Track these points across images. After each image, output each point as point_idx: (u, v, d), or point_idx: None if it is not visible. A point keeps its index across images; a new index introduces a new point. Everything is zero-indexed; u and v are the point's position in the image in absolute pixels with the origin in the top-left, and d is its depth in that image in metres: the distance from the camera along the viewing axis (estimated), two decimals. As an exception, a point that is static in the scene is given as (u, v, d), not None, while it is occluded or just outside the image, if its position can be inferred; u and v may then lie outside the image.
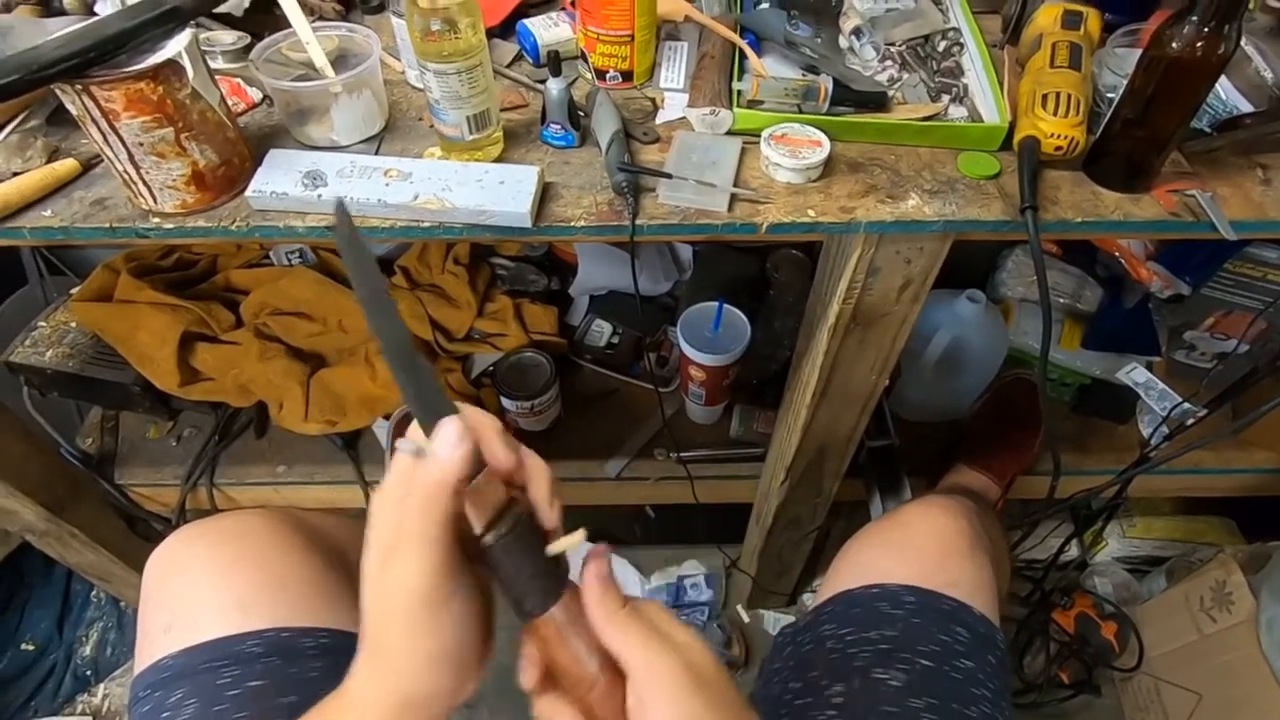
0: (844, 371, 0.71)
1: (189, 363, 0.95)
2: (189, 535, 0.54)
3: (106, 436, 1.04)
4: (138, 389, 0.97)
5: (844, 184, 0.57)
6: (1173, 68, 0.51)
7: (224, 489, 1.00)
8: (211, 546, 0.53)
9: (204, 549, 0.53)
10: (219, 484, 1.00)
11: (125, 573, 1.02)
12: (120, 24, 0.46)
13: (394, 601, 0.31)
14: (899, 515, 0.63)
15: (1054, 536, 1.10)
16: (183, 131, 0.49)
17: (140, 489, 1.00)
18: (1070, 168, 0.59)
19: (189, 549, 0.53)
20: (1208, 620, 0.98)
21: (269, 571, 0.52)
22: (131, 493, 1.00)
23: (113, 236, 0.53)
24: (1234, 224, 0.55)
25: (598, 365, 1.09)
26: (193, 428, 1.04)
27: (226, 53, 0.65)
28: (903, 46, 0.68)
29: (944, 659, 0.50)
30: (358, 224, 0.54)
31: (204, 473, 1.00)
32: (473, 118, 0.55)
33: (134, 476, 1.00)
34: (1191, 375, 1.04)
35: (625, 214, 0.54)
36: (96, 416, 1.06)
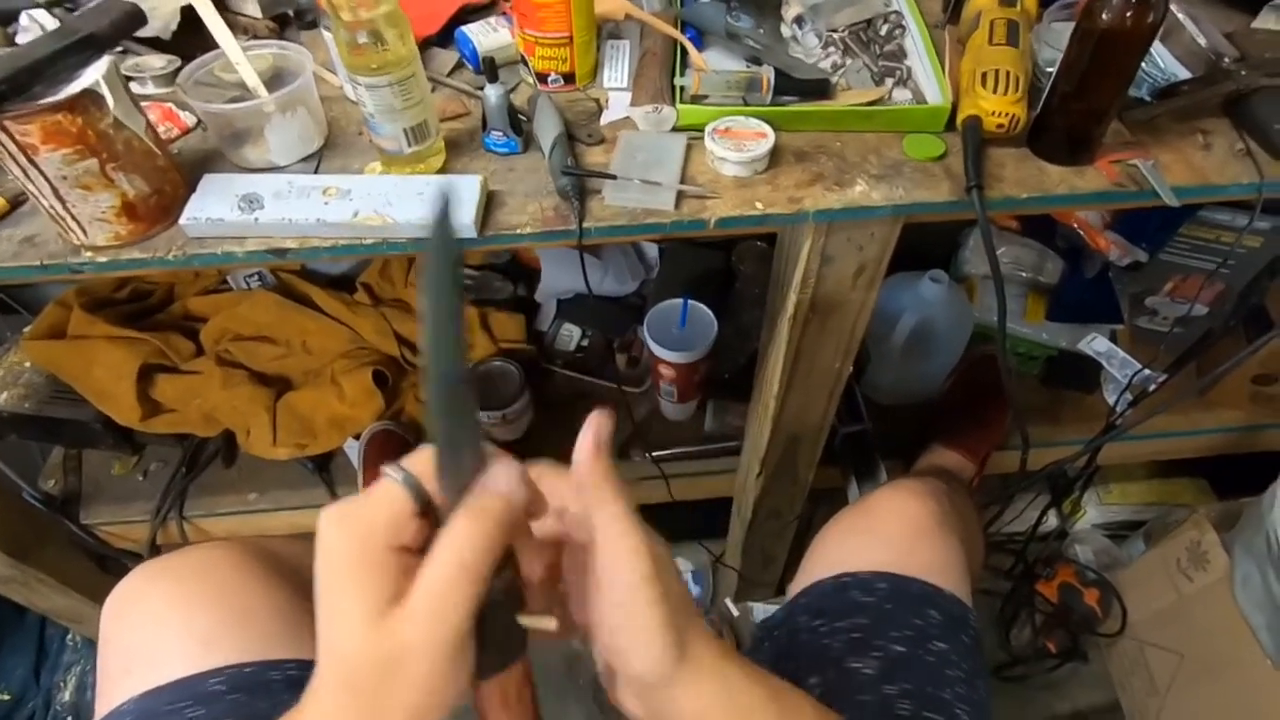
0: (808, 360, 0.71)
1: (150, 395, 0.93)
2: (147, 573, 0.53)
3: (70, 476, 1.01)
4: (99, 426, 0.95)
5: (791, 174, 0.57)
6: (1105, 39, 0.51)
7: (195, 521, 0.99)
8: (170, 583, 0.52)
9: (162, 586, 0.52)
10: (189, 516, 0.98)
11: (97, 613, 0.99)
12: (32, 54, 0.45)
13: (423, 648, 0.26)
14: (867, 502, 0.63)
15: (1032, 508, 1.11)
16: (108, 162, 0.48)
17: (108, 527, 0.98)
18: (1014, 144, 0.59)
19: (147, 587, 0.52)
20: (1185, 580, 0.99)
21: (231, 605, 0.51)
22: (100, 532, 0.98)
23: (45, 274, 0.52)
24: (1177, 190, 0.56)
25: (569, 369, 1.08)
26: (159, 461, 1.02)
27: (156, 77, 0.63)
28: (845, 32, 0.68)
29: (917, 643, 0.50)
30: (299, 245, 0.53)
31: (173, 506, 0.98)
32: (410, 130, 0.54)
33: (101, 515, 0.98)
34: (1155, 340, 1.06)
35: (571, 218, 0.54)
36: (59, 456, 1.03)
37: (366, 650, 0.26)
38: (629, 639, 0.31)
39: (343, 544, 0.27)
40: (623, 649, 0.31)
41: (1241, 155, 0.58)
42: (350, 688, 0.27)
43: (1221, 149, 0.59)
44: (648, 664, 0.31)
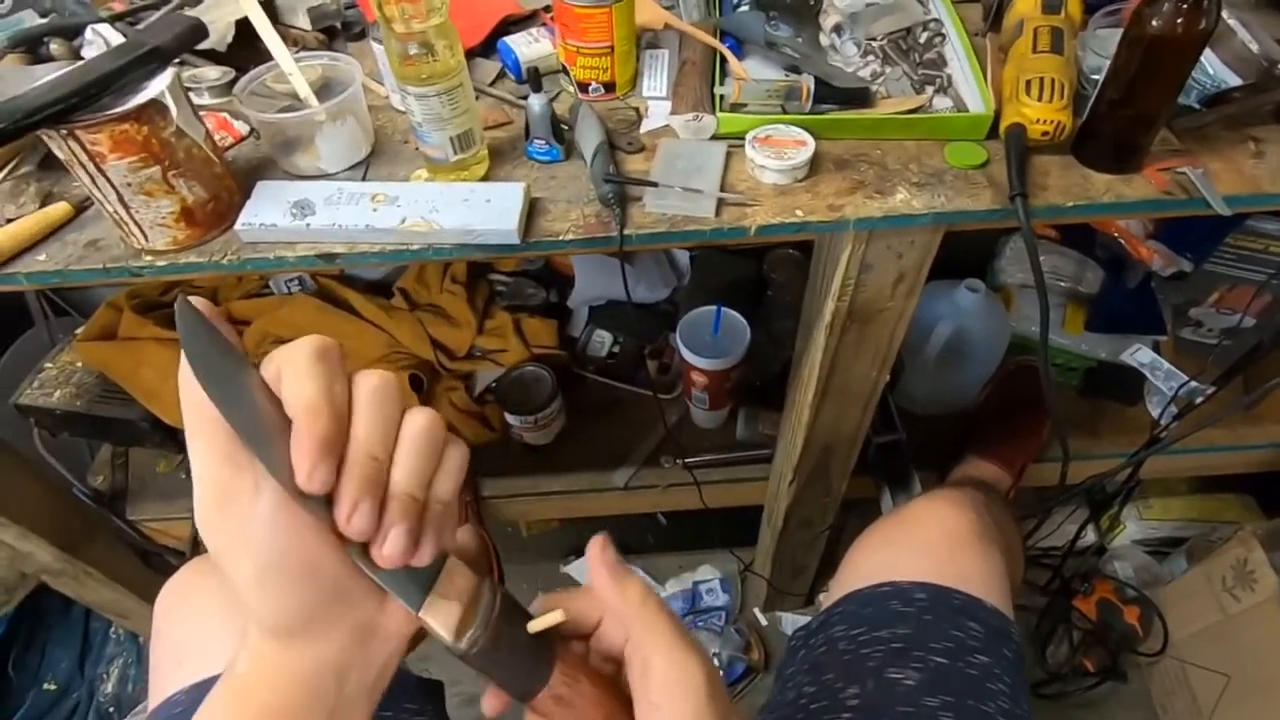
0: (843, 369, 0.70)
1: (194, 396, 0.96)
2: (198, 568, 0.54)
3: (117, 473, 1.05)
4: (146, 425, 0.98)
5: (831, 182, 0.57)
6: (1154, 46, 0.51)
7: (235, 519, 1.01)
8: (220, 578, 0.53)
9: (213, 581, 0.53)
10: (230, 514, 1.00)
11: (142, 608, 1.02)
12: (102, 67, 0.47)
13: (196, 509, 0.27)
14: (906, 511, 0.62)
15: (1070, 522, 1.09)
16: (169, 169, 0.50)
17: (153, 523, 1.01)
18: (1058, 152, 0.59)
19: (198, 581, 0.53)
20: (1231, 600, 0.96)
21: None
22: (144, 528, 1.01)
23: (107, 277, 0.54)
24: (1228, 199, 0.55)
25: (600, 375, 1.09)
26: (202, 460, 1.05)
27: (212, 88, 0.65)
28: (884, 41, 0.68)
29: (958, 655, 0.50)
30: (348, 250, 0.54)
31: (215, 504, 1.00)
32: (456, 138, 0.55)
33: (146, 511, 1.01)
34: (1199, 352, 1.03)
35: (613, 225, 0.54)
36: (107, 454, 1.07)
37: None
38: None
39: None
40: None
41: (1295, 163, 0.57)
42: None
43: (1274, 157, 0.58)
44: None
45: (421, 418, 0.29)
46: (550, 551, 1.32)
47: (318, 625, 0.28)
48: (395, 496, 0.27)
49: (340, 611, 0.29)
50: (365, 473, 0.27)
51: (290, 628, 0.28)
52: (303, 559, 0.27)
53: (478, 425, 1.02)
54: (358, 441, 0.27)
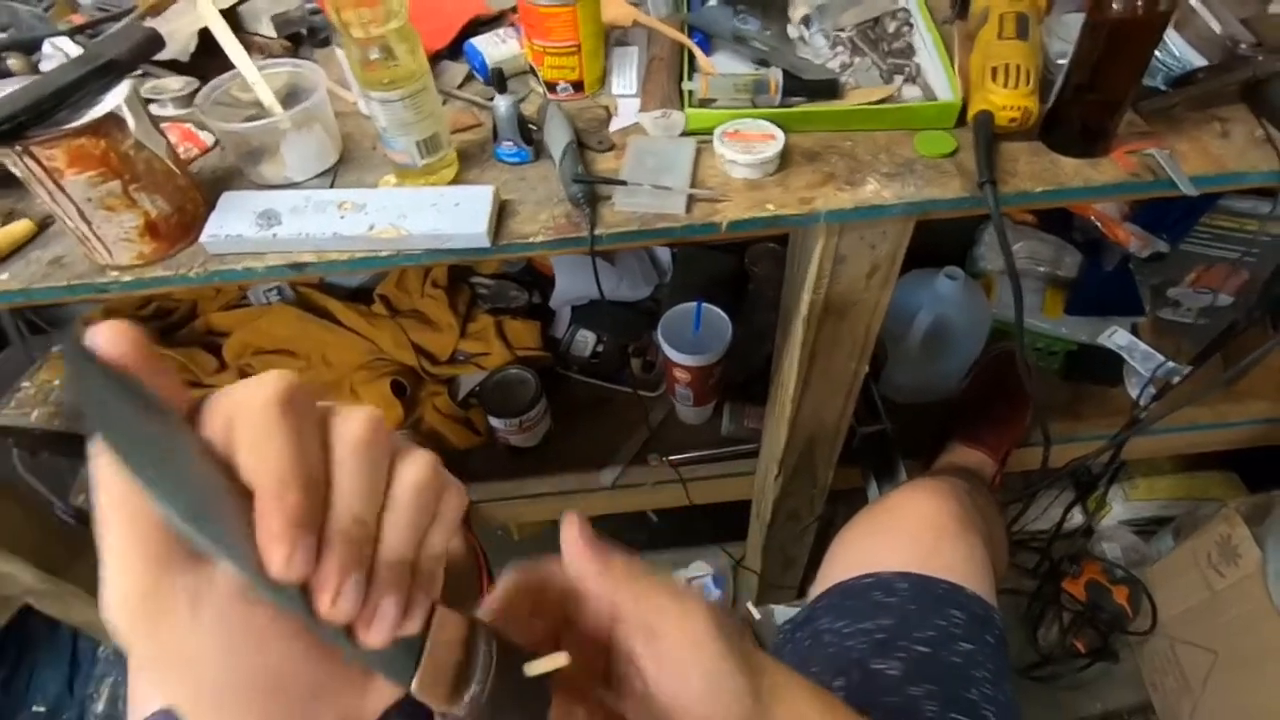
0: (823, 361, 0.70)
1: (174, 410, 0.95)
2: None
3: (100, 491, 1.03)
4: (126, 441, 0.97)
5: (801, 175, 0.57)
6: (1116, 29, 0.51)
7: (221, 533, 1.00)
8: None
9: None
10: (215, 528, 1.00)
11: (130, 626, 1.01)
12: (56, 81, 0.46)
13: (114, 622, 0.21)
14: (888, 501, 0.62)
15: (1057, 505, 1.10)
16: (130, 183, 0.49)
17: (137, 540, 1.00)
18: (1027, 138, 0.59)
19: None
20: (1216, 576, 0.97)
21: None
22: (129, 545, 1.00)
23: (72, 294, 0.53)
24: (1194, 179, 0.55)
25: (584, 375, 1.09)
26: (185, 474, 1.04)
27: (175, 99, 0.64)
28: (853, 31, 0.68)
29: (941, 644, 0.50)
30: (317, 259, 0.54)
31: (199, 519, 0.99)
32: (422, 142, 0.55)
33: (130, 529, 1.00)
34: (1178, 332, 1.04)
35: (583, 225, 0.54)
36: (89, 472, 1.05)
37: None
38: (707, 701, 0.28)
39: None
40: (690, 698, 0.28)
41: (1261, 142, 0.57)
42: None
43: (1240, 136, 0.58)
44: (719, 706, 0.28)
45: (417, 469, 0.24)
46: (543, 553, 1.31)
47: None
48: (386, 564, 0.23)
49: (316, 710, 0.23)
50: (351, 544, 0.22)
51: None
52: (266, 671, 0.22)
53: (462, 430, 1.01)
54: (342, 508, 0.22)
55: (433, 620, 0.25)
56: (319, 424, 0.23)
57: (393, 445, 0.24)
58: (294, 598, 0.22)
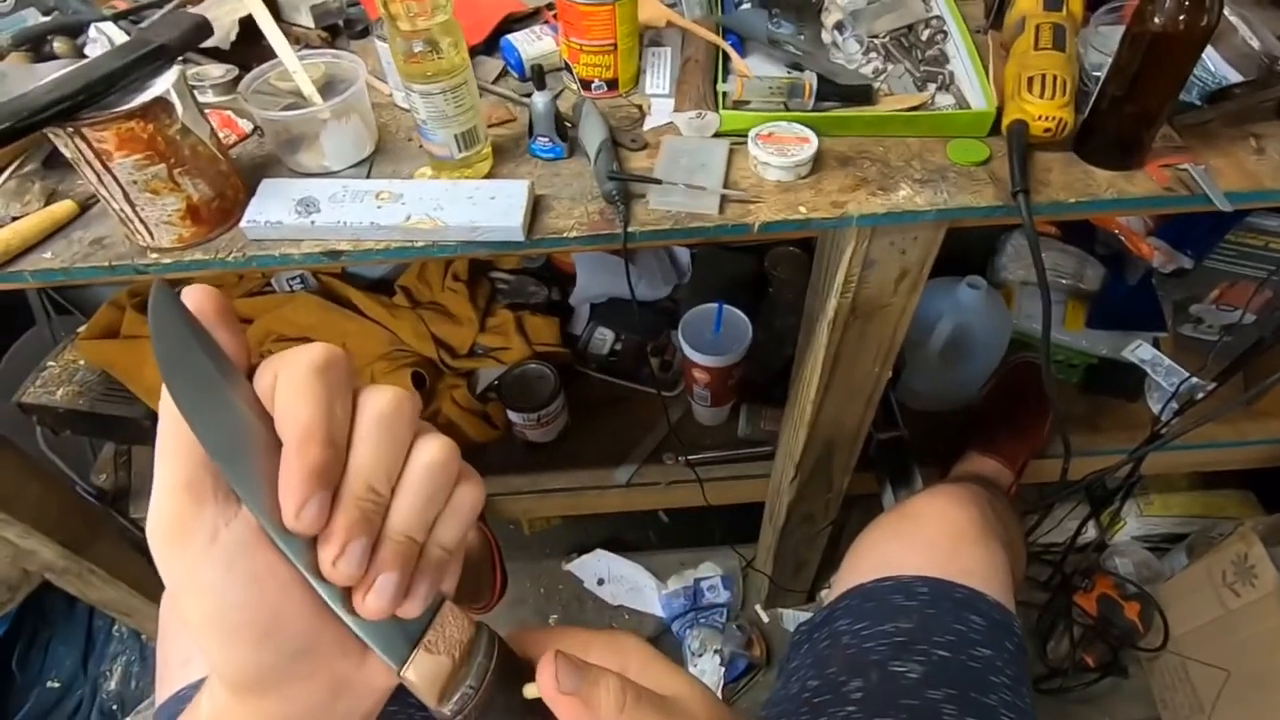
0: (846, 365, 0.70)
1: (197, 394, 0.96)
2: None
3: (121, 471, 1.05)
4: (149, 423, 0.98)
5: (834, 179, 0.57)
6: (1156, 42, 0.51)
7: (238, 517, 1.01)
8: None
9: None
10: (233, 512, 1.01)
11: (146, 606, 1.02)
12: (108, 65, 0.47)
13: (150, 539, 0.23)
14: (909, 507, 0.62)
15: (1071, 519, 1.09)
16: (175, 167, 0.50)
17: (156, 522, 1.01)
18: (1061, 149, 0.59)
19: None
20: (1231, 595, 0.97)
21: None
22: (148, 526, 1.01)
23: (112, 275, 0.54)
24: (1229, 195, 0.55)
25: (602, 373, 1.09)
26: (205, 458, 1.05)
27: (216, 86, 0.65)
28: (886, 38, 0.68)
29: (960, 648, 0.50)
30: (353, 248, 0.54)
31: (218, 502, 1.00)
32: (460, 136, 0.55)
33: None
34: (1200, 349, 1.04)
35: (617, 222, 0.55)
36: (110, 452, 1.07)
37: None
38: None
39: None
40: None
41: (1296, 159, 0.57)
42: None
43: (1276, 153, 0.58)
44: None
45: (434, 448, 0.25)
46: (552, 549, 1.32)
47: (278, 682, 0.24)
48: (390, 538, 0.24)
49: (307, 667, 0.24)
50: (362, 509, 0.23)
51: (245, 684, 0.24)
52: (261, 614, 0.23)
53: (480, 423, 1.02)
54: (357, 472, 0.23)
55: (438, 613, 0.26)
56: (349, 393, 0.25)
57: (416, 426, 0.25)
58: (299, 550, 0.23)
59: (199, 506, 0.22)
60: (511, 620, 1.24)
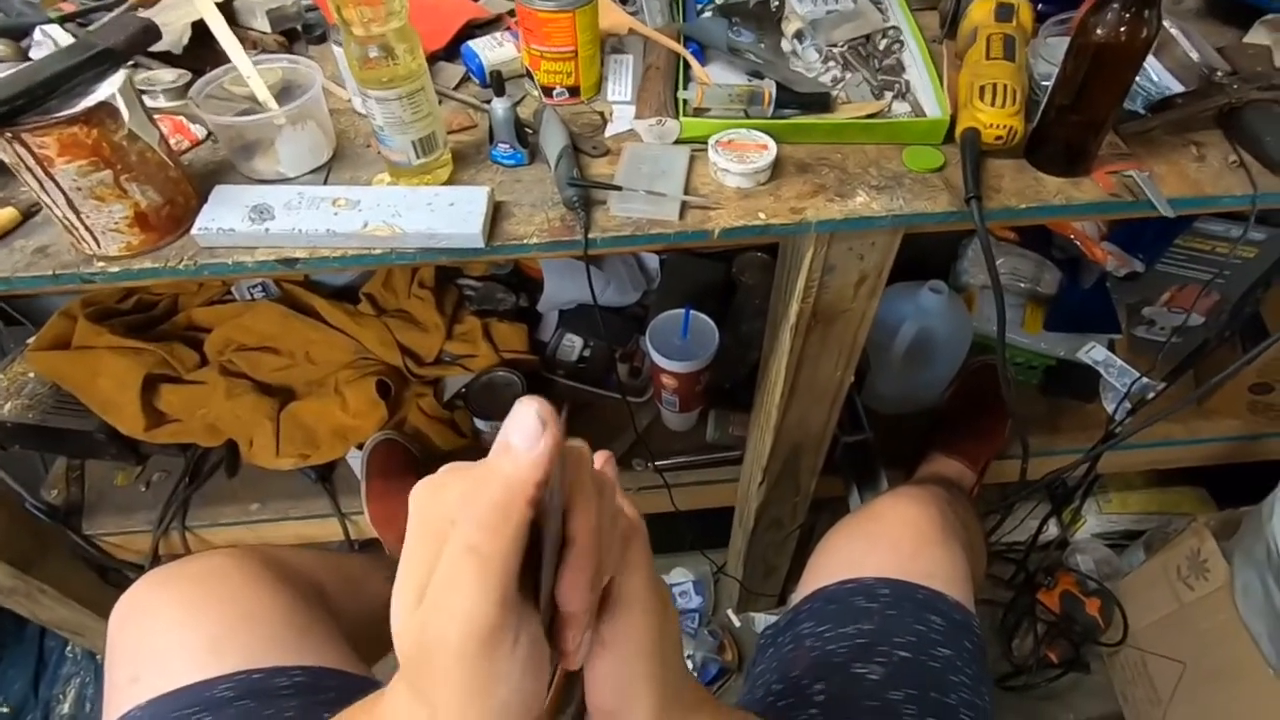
0: (810, 369, 0.71)
1: (154, 405, 0.93)
2: (153, 580, 0.53)
3: (73, 486, 1.02)
4: (102, 436, 0.95)
5: (793, 185, 0.58)
6: (1099, 54, 0.52)
7: (197, 531, 0.99)
8: (178, 590, 0.52)
9: (170, 593, 0.52)
10: (191, 527, 0.98)
11: (100, 625, 0.99)
12: (50, 68, 0.45)
13: (444, 641, 0.23)
14: (870, 509, 0.63)
15: (1033, 518, 1.11)
16: (122, 173, 0.49)
17: (110, 538, 0.98)
18: (1012, 156, 0.60)
19: (154, 594, 0.52)
20: (1186, 589, 0.99)
21: (238, 611, 0.51)
22: (101, 542, 0.98)
23: (57, 284, 0.52)
24: (1172, 201, 0.57)
25: (571, 380, 1.09)
26: (162, 471, 1.03)
27: (167, 91, 0.64)
28: (844, 47, 0.70)
29: (921, 648, 0.51)
30: (309, 255, 0.53)
31: (175, 516, 0.98)
32: (418, 142, 0.55)
33: (103, 525, 0.98)
34: (1153, 350, 1.07)
35: (578, 228, 0.55)
36: (61, 467, 1.03)
37: (406, 637, 0.25)
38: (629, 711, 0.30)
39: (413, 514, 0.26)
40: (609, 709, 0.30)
41: (1235, 167, 0.59)
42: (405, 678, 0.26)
43: (1215, 161, 0.60)
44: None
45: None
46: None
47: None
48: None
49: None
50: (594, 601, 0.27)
51: None
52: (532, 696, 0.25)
53: (447, 431, 1.01)
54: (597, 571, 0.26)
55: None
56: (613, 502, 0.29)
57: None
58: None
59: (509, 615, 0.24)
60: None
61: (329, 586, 0.61)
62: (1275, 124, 0.59)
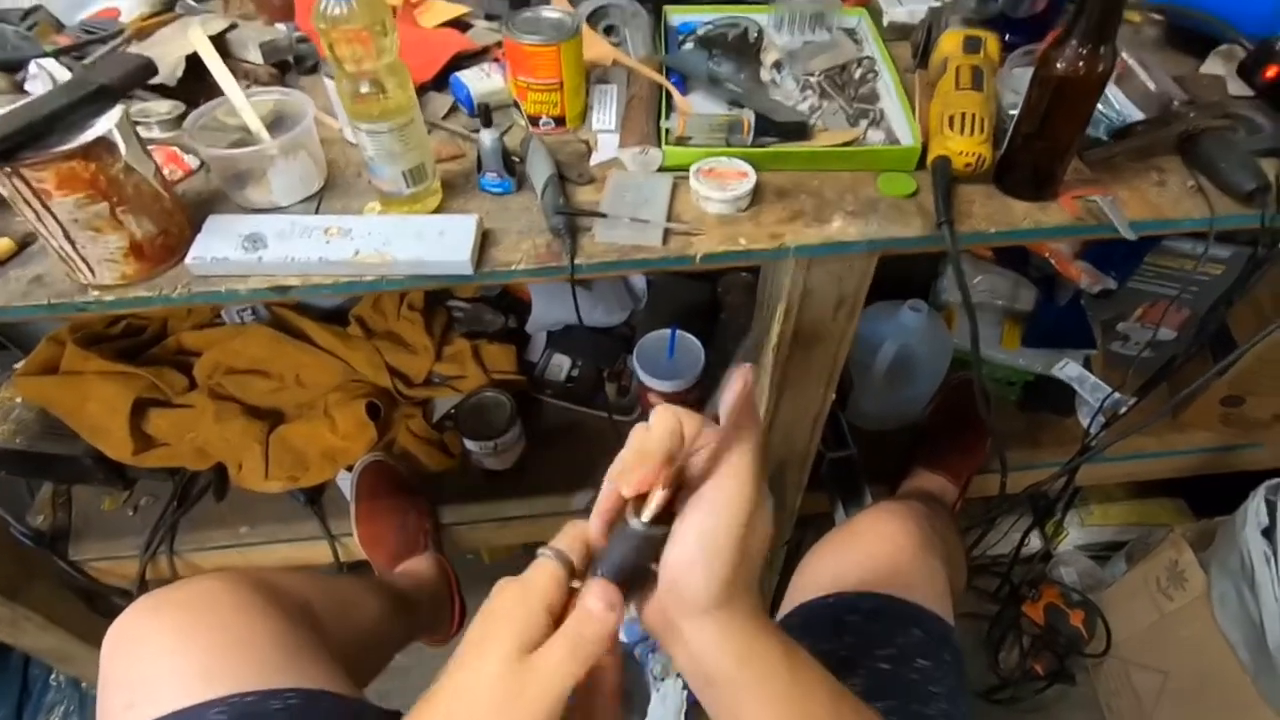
0: (793, 389, 0.73)
1: (142, 430, 0.94)
2: (145, 607, 0.53)
3: (59, 512, 1.01)
4: (90, 461, 0.95)
5: (772, 211, 0.60)
6: (1061, 85, 0.55)
7: (185, 556, 0.98)
8: (169, 616, 0.52)
9: (162, 619, 0.52)
10: (179, 551, 0.98)
11: (86, 652, 0.98)
12: (50, 105, 0.47)
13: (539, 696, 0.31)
14: (851, 525, 0.65)
15: (1016, 530, 1.13)
16: (118, 205, 0.50)
17: (97, 563, 0.98)
18: (982, 182, 0.63)
19: (145, 621, 0.52)
20: (1165, 600, 1.01)
21: (230, 635, 0.51)
22: (88, 568, 0.98)
23: (52, 313, 0.53)
24: (1134, 224, 0.59)
25: (559, 399, 1.10)
26: (150, 495, 1.02)
27: (161, 122, 0.65)
28: (821, 76, 0.72)
29: (901, 660, 0.52)
30: (301, 283, 0.55)
31: (163, 541, 0.98)
32: (409, 172, 0.56)
33: (90, 551, 0.98)
34: (1129, 365, 1.09)
35: (564, 255, 0.56)
36: (48, 492, 1.03)
37: (496, 683, 0.31)
38: (689, 569, 0.34)
39: (505, 599, 0.34)
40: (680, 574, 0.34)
41: (1193, 191, 0.62)
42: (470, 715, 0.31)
43: (1175, 185, 0.63)
44: (691, 591, 0.34)
45: None
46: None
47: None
48: None
49: None
50: None
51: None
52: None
53: (436, 452, 1.01)
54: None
55: None
56: None
57: None
58: None
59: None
60: (472, 652, 1.22)
61: (319, 609, 0.62)
62: (1230, 151, 0.62)
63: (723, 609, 0.34)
